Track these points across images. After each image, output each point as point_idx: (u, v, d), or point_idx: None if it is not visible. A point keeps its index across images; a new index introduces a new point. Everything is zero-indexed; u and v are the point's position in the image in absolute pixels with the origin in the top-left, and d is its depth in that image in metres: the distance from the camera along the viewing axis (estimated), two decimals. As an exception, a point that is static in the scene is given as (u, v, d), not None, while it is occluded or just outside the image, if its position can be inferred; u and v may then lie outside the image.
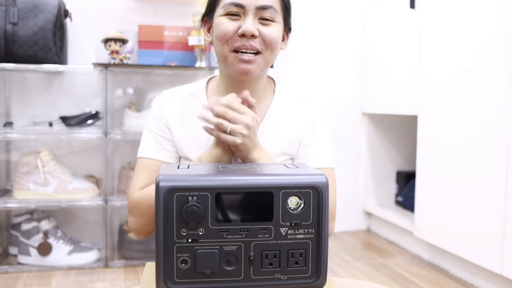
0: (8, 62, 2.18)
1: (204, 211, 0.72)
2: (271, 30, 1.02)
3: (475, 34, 2.01)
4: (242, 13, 1.01)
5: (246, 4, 1.00)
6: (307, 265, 0.75)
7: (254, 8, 1.00)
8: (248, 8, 1.00)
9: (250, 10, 1.00)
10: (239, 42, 1.00)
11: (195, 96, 1.12)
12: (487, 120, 1.93)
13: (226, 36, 1.01)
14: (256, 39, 1.00)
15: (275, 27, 1.03)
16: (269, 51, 1.02)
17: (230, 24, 1.01)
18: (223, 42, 1.01)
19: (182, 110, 1.10)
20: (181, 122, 1.09)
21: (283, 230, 0.74)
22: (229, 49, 1.01)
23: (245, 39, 1.00)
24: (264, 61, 1.03)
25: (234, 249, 0.73)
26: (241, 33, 0.99)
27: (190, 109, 1.10)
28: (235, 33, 1.00)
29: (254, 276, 0.74)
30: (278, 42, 1.04)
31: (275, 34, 1.02)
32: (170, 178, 0.72)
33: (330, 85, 2.91)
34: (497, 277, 1.94)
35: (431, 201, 2.28)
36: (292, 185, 0.74)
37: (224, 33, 1.01)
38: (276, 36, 1.03)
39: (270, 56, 1.03)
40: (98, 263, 2.28)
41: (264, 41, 1.01)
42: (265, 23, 1.01)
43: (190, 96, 1.12)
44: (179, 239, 0.72)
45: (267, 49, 1.02)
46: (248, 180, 0.74)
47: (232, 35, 1.00)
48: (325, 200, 0.74)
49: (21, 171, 2.25)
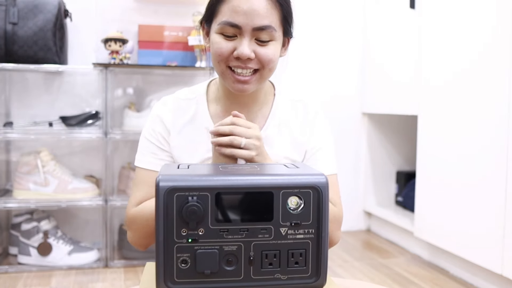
0: (8, 62, 2.18)
1: (204, 211, 0.71)
2: (268, 50, 0.99)
3: (475, 34, 2.01)
4: (239, 33, 0.97)
5: (242, 25, 0.96)
6: (307, 265, 0.75)
7: (251, 29, 0.97)
8: (244, 29, 0.97)
9: (246, 32, 0.97)
10: (235, 63, 0.98)
11: (195, 100, 1.10)
12: (487, 120, 1.93)
13: (221, 56, 0.99)
14: (253, 60, 0.98)
15: (272, 47, 1.00)
16: (266, 69, 1.00)
17: (226, 44, 0.98)
18: (219, 61, 1.00)
19: (181, 116, 1.08)
20: (180, 130, 1.07)
21: (283, 230, 0.74)
22: (225, 65, 1.00)
23: (241, 61, 0.98)
24: (261, 78, 1.01)
25: (234, 249, 0.73)
26: (237, 55, 0.97)
27: (189, 115, 1.08)
28: (231, 53, 0.98)
29: (254, 276, 0.74)
30: (276, 60, 1.02)
31: (272, 55, 0.99)
32: (170, 178, 0.72)
33: (331, 85, 2.92)
34: (497, 277, 1.94)
35: (431, 201, 2.28)
36: (292, 185, 0.74)
37: (219, 54, 0.99)
38: (273, 57, 1.00)
39: (267, 74, 1.02)
40: (98, 263, 2.28)
41: (260, 61, 0.99)
42: (262, 44, 0.99)
43: (189, 101, 1.10)
44: (179, 239, 0.72)
45: (264, 68, 1.00)
46: (248, 180, 0.74)
47: (228, 55, 0.98)
48: (325, 200, 0.74)
49: (21, 171, 2.25)
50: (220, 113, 1.08)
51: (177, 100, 1.10)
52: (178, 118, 1.08)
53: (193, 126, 1.07)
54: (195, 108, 1.09)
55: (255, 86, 1.02)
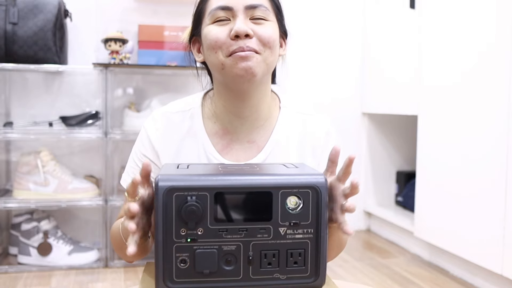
0: (8, 62, 2.18)
1: (203, 211, 0.72)
2: (266, 28, 0.93)
3: (475, 34, 2.01)
4: (231, 15, 0.92)
5: (233, 5, 0.92)
6: (306, 265, 0.75)
7: (243, 8, 0.92)
8: (236, 9, 0.92)
9: (239, 11, 0.92)
10: (235, 45, 0.90)
11: (189, 113, 1.02)
12: (487, 119, 1.93)
13: (218, 43, 0.91)
14: (252, 39, 0.91)
15: (270, 26, 0.94)
16: (268, 51, 0.93)
17: (220, 29, 0.92)
18: (216, 50, 0.92)
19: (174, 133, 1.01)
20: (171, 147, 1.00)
21: (282, 230, 0.74)
22: (225, 54, 0.91)
23: (240, 41, 0.90)
24: (264, 63, 0.92)
25: (233, 248, 0.73)
26: (234, 34, 0.90)
27: (183, 130, 1.01)
28: (228, 37, 0.91)
29: (253, 276, 0.74)
30: (276, 40, 0.95)
31: (271, 32, 0.93)
32: (169, 178, 0.72)
33: (331, 85, 2.92)
34: (497, 277, 1.94)
35: (431, 201, 2.28)
36: (291, 185, 0.74)
37: (215, 40, 0.92)
38: (273, 34, 0.93)
39: (270, 58, 0.93)
40: (98, 263, 2.28)
41: (261, 40, 0.92)
42: (259, 22, 0.93)
43: (183, 114, 1.02)
44: (178, 239, 0.72)
45: (266, 48, 0.92)
46: (247, 180, 0.74)
47: (225, 39, 0.91)
48: (324, 200, 0.74)
49: (21, 171, 2.26)
50: (218, 131, 1.01)
51: (168, 115, 1.02)
52: (170, 135, 1.01)
53: (188, 143, 1.00)
54: (189, 123, 1.01)
55: (259, 70, 0.92)
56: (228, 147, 1.01)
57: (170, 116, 1.02)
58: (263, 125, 1.01)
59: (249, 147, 1.01)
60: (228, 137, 1.01)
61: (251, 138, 1.01)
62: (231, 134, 1.01)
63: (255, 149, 1.01)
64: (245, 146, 1.01)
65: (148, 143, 1.01)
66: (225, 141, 1.01)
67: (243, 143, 1.01)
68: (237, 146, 1.01)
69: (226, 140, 1.01)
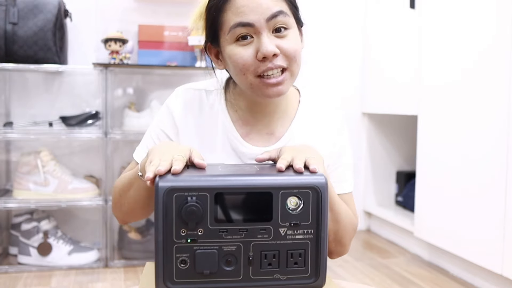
0: (8, 62, 2.18)
1: (203, 211, 0.71)
2: (289, 42, 0.93)
3: (475, 34, 2.01)
4: (253, 32, 0.91)
5: (254, 21, 0.90)
6: (306, 265, 0.75)
7: (264, 21, 0.90)
8: (258, 25, 0.90)
9: (261, 27, 0.90)
10: (263, 66, 0.91)
11: (213, 94, 1.04)
12: (487, 120, 1.93)
13: (246, 65, 0.91)
14: (278, 57, 0.92)
15: (292, 36, 0.94)
16: (294, 64, 0.95)
17: (246, 52, 0.91)
18: (244, 72, 0.92)
19: (196, 108, 1.03)
20: (191, 122, 1.02)
21: (282, 231, 0.74)
22: (253, 75, 0.92)
23: (268, 61, 0.91)
24: (291, 76, 0.95)
25: (233, 249, 0.73)
26: (262, 56, 0.90)
27: (204, 107, 1.03)
28: (255, 58, 0.91)
29: (253, 276, 0.74)
30: (299, 50, 0.96)
31: (294, 45, 0.94)
32: (169, 178, 0.72)
33: (331, 84, 2.91)
34: (497, 277, 1.94)
35: (431, 201, 2.28)
36: (291, 186, 0.74)
37: (243, 64, 0.91)
38: (297, 46, 0.95)
39: (296, 69, 0.96)
40: (98, 263, 2.28)
41: (287, 56, 0.93)
42: (281, 35, 0.93)
43: (206, 93, 1.04)
44: (178, 239, 0.72)
45: (292, 63, 0.94)
46: (248, 180, 0.74)
47: (252, 61, 0.91)
48: (325, 200, 0.74)
49: (21, 171, 2.25)
50: (238, 120, 1.03)
51: (192, 91, 1.04)
52: (191, 109, 1.02)
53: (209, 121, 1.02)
54: (212, 101, 1.03)
55: (289, 85, 0.96)
56: (247, 137, 1.03)
57: (194, 92, 1.04)
58: (282, 117, 1.04)
59: (268, 138, 1.03)
60: (248, 128, 1.03)
61: (269, 130, 1.04)
62: (251, 126, 1.03)
63: (273, 139, 1.03)
64: (264, 137, 1.03)
65: (170, 119, 1.02)
66: (245, 130, 1.03)
67: (262, 134, 1.03)
68: (257, 137, 1.03)
69: (245, 130, 1.03)
